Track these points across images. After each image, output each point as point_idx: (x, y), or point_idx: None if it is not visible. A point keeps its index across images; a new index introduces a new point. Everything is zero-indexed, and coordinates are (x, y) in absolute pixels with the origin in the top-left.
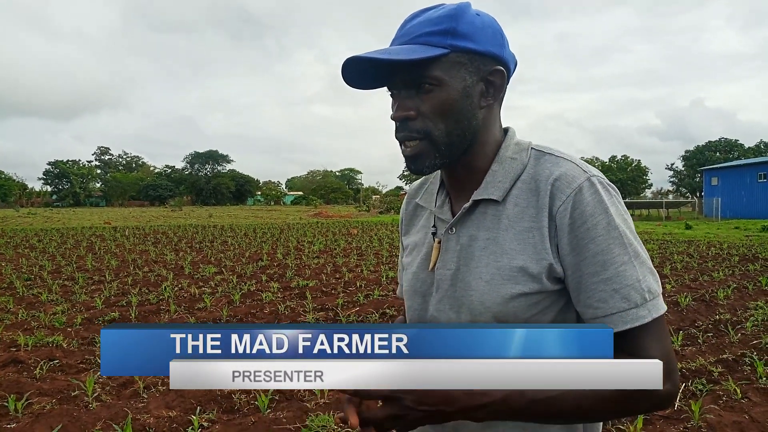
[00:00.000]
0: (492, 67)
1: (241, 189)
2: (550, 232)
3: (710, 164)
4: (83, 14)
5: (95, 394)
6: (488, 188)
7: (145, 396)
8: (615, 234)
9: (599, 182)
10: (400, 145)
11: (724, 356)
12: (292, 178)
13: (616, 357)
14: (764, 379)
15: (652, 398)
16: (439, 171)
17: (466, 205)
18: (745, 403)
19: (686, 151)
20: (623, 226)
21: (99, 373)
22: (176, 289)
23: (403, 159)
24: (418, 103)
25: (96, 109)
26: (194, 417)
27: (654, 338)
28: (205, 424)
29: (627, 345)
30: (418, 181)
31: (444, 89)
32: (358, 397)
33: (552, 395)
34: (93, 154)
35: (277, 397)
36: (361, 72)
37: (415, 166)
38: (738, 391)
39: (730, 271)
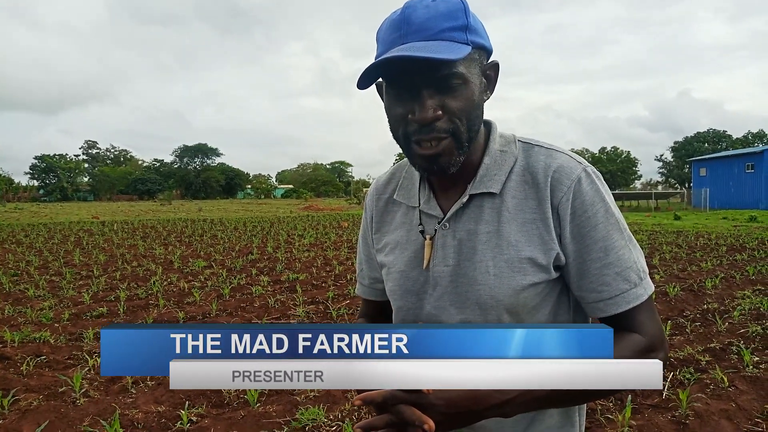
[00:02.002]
0: (489, 62)
1: (230, 182)
2: (554, 222)
3: (698, 155)
4: (69, 6)
5: (83, 390)
6: (484, 182)
7: (134, 391)
8: (612, 221)
9: (592, 172)
10: (415, 145)
11: (712, 345)
12: (283, 171)
13: (619, 333)
14: (751, 367)
15: None
16: (409, 165)
17: (464, 199)
18: (732, 391)
19: (675, 142)
20: (617, 212)
21: (86, 370)
22: (165, 283)
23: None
24: (442, 102)
25: (83, 102)
26: (183, 412)
27: (648, 313)
28: (194, 419)
29: (625, 322)
30: (385, 175)
31: (468, 86)
32: (386, 404)
33: None
34: (80, 148)
35: (266, 391)
36: (381, 71)
37: (439, 166)
38: (725, 379)
39: (718, 261)
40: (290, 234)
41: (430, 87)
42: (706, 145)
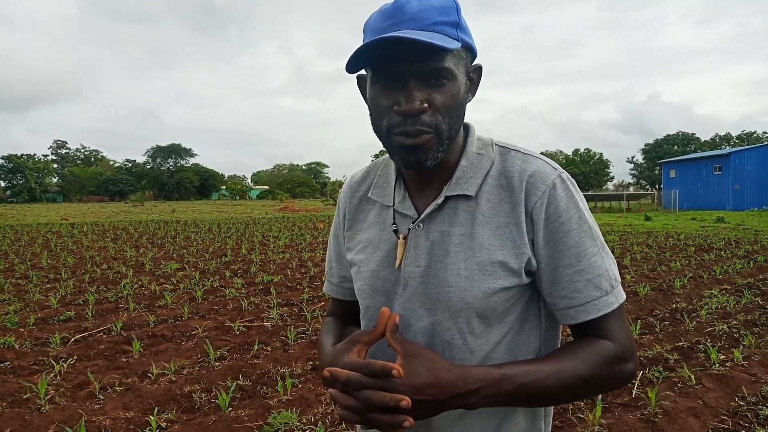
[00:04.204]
0: (474, 64)
1: (205, 183)
2: (527, 227)
3: (668, 157)
4: (37, 1)
5: (48, 396)
6: (460, 184)
7: (101, 397)
8: (586, 227)
9: (567, 178)
10: (397, 136)
11: (680, 344)
12: (258, 172)
13: (589, 339)
14: (717, 365)
15: (622, 377)
16: (385, 163)
17: (438, 200)
18: (699, 389)
19: (646, 144)
20: (590, 219)
21: (52, 375)
22: (136, 286)
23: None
24: (428, 95)
25: (51, 100)
26: (152, 417)
27: (619, 322)
28: (164, 424)
29: (595, 329)
30: (360, 172)
31: (455, 83)
32: (348, 385)
33: (540, 377)
34: (49, 148)
35: (238, 395)
36: (371, 55)
37: (417, 158)
38: (693, 377)
39: (687, 261)
40: (265, 235)
41: (418, 78)
42: (676, 147)
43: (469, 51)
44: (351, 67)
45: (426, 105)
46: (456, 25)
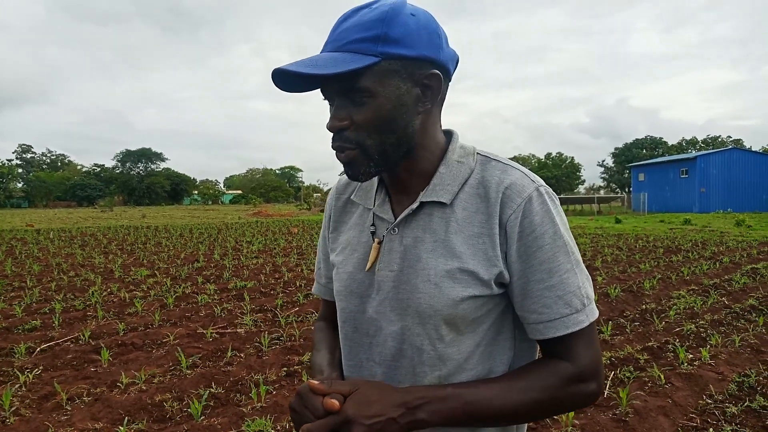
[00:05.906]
0: (428, 71)
1: (176, 188)
2: (500, 239)
3: (637, 161)
4: (1, 2)
5: (13, 408)
6: (437, 190)
7: (69, 408)
8: (560, 243)
9: (546, 192)
10: (335, 152)
11: (650, 344)
12: (231, 176)
13: (547, 360)
14: (686, 365)
15: (581, 398)
16: None
17: (413, 206)
18: (669, 388)
19: (615, 148)
20: (566, 235)
21: (17, 386)
22: (105, 293)
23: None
24: (352, 113)
25: (16, 103)
26: (122, 428)
27: (586, 341)
28: None
29: (560, 347)
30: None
31: (376, 100)
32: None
33: (488, 396)
34: (13, 153)
35: (211, 404)
36: (294, 79)
37: (352, 172)
38: (662, 377)
39: (656, 263)
40: (238, 241)
41: (340, 97)
42: (644, 151)
43: (411, 60)
44: (289, 89)
45: (346, 123)
46: (376, 39)
